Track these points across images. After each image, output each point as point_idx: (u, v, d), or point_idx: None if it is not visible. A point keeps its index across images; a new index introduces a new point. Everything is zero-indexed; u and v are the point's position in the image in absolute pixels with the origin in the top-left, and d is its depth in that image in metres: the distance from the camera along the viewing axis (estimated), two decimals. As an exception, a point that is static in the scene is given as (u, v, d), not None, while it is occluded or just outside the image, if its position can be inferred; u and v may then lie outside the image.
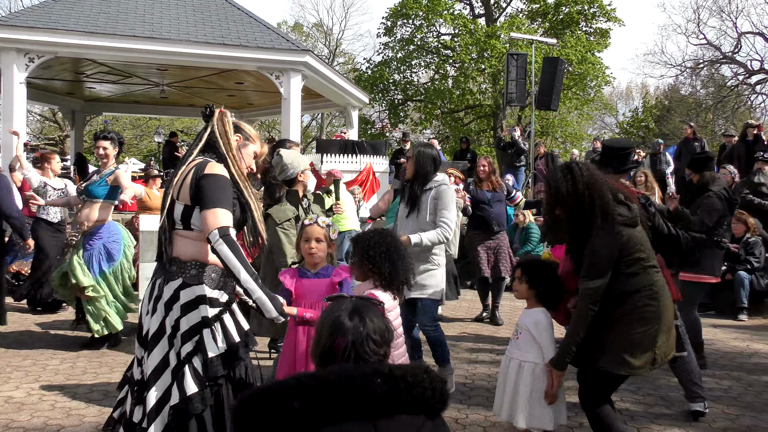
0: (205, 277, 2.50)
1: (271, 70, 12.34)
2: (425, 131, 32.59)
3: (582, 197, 2.85)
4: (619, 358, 2.82)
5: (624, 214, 2.89)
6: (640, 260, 2.87)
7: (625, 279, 2.84)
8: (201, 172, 2.49)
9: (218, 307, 2.49)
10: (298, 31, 38.15)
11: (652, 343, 2.83)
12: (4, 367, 4.85)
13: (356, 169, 12.45)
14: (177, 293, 2.46)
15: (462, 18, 27.68)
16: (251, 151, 2.80)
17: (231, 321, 2.52)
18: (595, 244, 2.83)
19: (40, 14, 11.57)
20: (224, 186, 2.49)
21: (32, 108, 26.98)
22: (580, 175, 2.87)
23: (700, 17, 31.45)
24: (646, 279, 2.87)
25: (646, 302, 2.84)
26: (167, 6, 12.91)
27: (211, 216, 2.40)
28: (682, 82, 34.36)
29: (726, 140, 12.41)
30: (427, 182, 4.40)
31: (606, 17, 27.14)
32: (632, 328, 2.83)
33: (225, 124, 2.68)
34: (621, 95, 44.01)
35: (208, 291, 2.48)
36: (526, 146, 13.67)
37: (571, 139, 29.26)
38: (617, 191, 2.95)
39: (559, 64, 14.24)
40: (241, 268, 2.35)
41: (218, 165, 2.55)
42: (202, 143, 2.65)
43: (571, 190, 2.86)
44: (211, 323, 2.44)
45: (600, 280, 2.81)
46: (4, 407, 3.99)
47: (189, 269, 2.49)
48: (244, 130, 2.79)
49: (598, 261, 2.82)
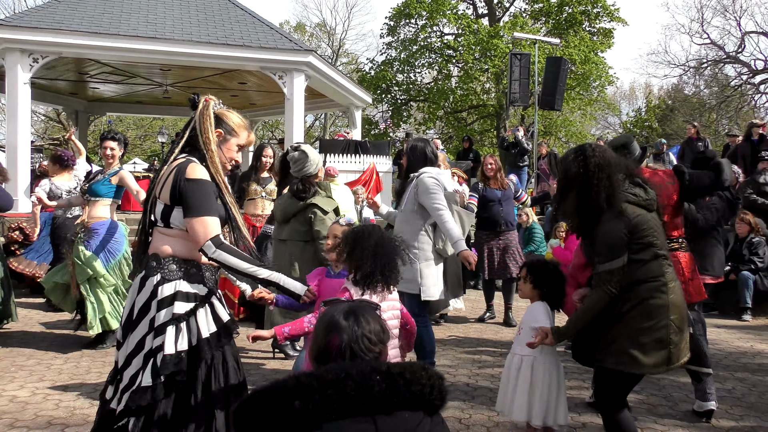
0: (183, 273, 2.53)
1: (274, 70, 12.35)
2: (428, 131, 32.59)
3: (592, 178, 2.77)
4: (626, 355, 2.72)
5: (639, 195, 2.81)
6: (651, 246, 2.76)
7: (633, 266, 2.74)
8: (183, 174, 2.50)
9: (194, 302, 2.51)
10: (301, 32, 38.16)
11: (664, 340, 2.72)
12: (8, 367, 4.86)
13: (359, 170, 12.44)
14: (156, 288, 2.50)
15: (465, 18, 27.66)
16: (234, 145, 2.72)
17: (204, 317, 2.51)
18: (605, 226, 2.75)
19: (43, 15, 11.60)
20: (208, 191, 2.52)
21: (36, 108, 27.06)
22: (591, 155, 2.82)
23: (703, 17, 31.45)
24: (655, 268, 2.76)
25: (653, 294, 2.74)
26: (170, 6, 12.93)
27: (201, 226, 2.44)
28: (685, 81, 34.34)
29: (729, 140, 12.39)
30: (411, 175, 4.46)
31: (609, 17, 27.11)
32: (638, 323, 2.74)
33: (205, 119, 2.63)
34: (624, 95, 43.97)
35: (186, 286, 2.51)
36: (529, 146, 13.65)
37: (574, 139, 29.20)
38: (635, 174, 2.88)
39: (563, 64, 14.24)
40: (247, 265, 2.46)
41: (200, 167, 2.55)
42: (184, 140, 2.67)
43: (581, 171, 2.81)
44: (180, 320, 2.46)
45: (616, 261, 2.71)
46: (8, 406, 4.00)
47: (167, 265, 2.52)
48: (225, 123, 2.70)
49: (610, 242, 2.74)
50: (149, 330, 2.48)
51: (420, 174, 4.37)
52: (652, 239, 2.77)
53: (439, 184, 4.34)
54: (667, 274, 2.79)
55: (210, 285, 2.60)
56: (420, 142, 4.56)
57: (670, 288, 2.77)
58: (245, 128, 2.77)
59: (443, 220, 4.22)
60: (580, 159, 2.84)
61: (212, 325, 2.52)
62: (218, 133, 2.67)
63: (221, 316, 2.56)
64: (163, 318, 2.46)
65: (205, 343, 2.48)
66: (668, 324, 2.74)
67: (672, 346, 2.74)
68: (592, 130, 33.49)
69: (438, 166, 4.60)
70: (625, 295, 2.76)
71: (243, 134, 2.75)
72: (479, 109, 28.73)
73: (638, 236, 2.74)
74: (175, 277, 2.51)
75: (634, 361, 2.72)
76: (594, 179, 2.77)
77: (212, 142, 2.62)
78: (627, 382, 2.84)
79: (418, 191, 4.31)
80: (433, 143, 5.18)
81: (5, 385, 4.43)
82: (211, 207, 2.49)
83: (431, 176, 4.35)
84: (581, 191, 2.83)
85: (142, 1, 12.85)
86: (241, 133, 2.74)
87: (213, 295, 2.59)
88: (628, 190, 2.82)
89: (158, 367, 2.42)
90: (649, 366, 2.73)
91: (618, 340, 2.76)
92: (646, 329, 2.72)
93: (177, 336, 2.45)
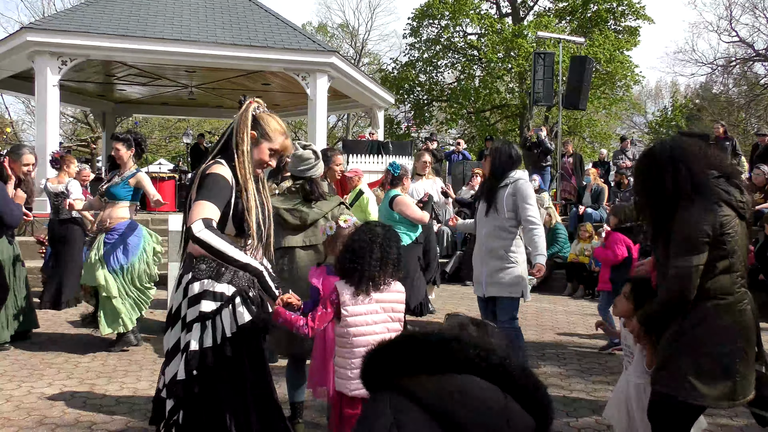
0: (213, 272, 2.57)
1: (297, 71, 12.42)
2: (451, 131, 32.49)
3: (664, 172, 2.46)
4: (685, 381, 2.36)
5: (733, 195, 2.44)
6: (729, 256, 2.39)
7: (701, 276, 2.38)
8: (204, 172, 2.55)
9: (221, 301, 2.55)
10: (323, 32, 38.28)
11: (731, 369, 2.35)
12: (37, 365, 4.95)
13: (382, 170, 12.44)
14: (187, 287, 2.57)
15: (489, 18, 27.52)
16: (266, 148, 2.69)
17: (229, 316, 2.55)
18: (684, 216, 2.40)
19: (72, 18, 11.81)
20: (218, 183, 2.51)
21: (65, 110, 27.52)
22: (661, 150, 2.53)
23: (732, 14, 30.75)
24: (726, 283, 2.41)
25: (720, 313, 2.39)
26: (195, 9, 13.07)
27: (197, 207, 2.43)
28: (714, 80, 33.74)
29: (759, 139, 12.14)
30: (504, 179, 4.41)
31: (635, 15, 26.74)
32: (702, 345, 2.39)
33: (242, 121, 2.64)
34: (650, 94, 43.33)
35: (215, 285, 2.56)
36: (552, 146, 13.54)
37: (599, 138, 28.89)
38: (732, 173, 2.53)
39: (588, 63, 14.07)
40: (228, 246, 2.40)
41: (222, 166, 2.57)
42: (222, 143, 2.70)
43: (652, 169, 2.51)
44: (207, 318, 2.52)
45: (695, 257, 2.35)
46: (37, 403, 4.08)
47: (198, 264, 2.58)
48: (261, 126, 2.68)
49: (689, 233, 2.38)
50: (182, 327, 2.56)
51: (516, 180, 4.40)
52: (734, 247, 2.41)
53: (533, 192, 4.48)
54: (737, 294, 2.44)
55: (241, 284, 2.61)
56: (504, 145, 4.59)
57: (739, 310, 2.43)
58: (282, 133, 2.72)
59: (535, 234, 4.32)
60: (648, 157, 2.59)
61: (234, 325, 2.55)
62: (252, 135, 2.65)
63: (244, 316, 2.58)
64: (190, 316, 2.53)
65: (228, 342, 2.52)
66: (735, 351, 2.39)
67: (738, 376, 2.37)
68: (617, 130, 33.06)
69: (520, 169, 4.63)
70: (690, 306, 2.43)
71: (278, 139, 2.71)
72: (502, 109, 28.56)
73: (720, 239, 2.38)
74: (204, 276, 2.56)
75: (693, 389, 2.35)
76: (669, 173, 2.45)
77: (244, 143, 2.61)
78: (684, 413, 2.45)
79: (517, 197, 4.35)
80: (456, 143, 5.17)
81: (34, 382, 4.51)
82: (214, 195, 2.47)
83: (528, 183, 4.45)
84: (653, 190, 2.53)
85: (168, 3, 13.02)
86: (276, 138, 2.70)
87: (240, 294, 2.60)
88: (721, 186, 2.46)
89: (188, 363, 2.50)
90: (710, 397, 2.36)
91: (675, 362, 2.42)
92: (710, 355, 2.38)
93: (203, 333, 2.51)
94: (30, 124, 28.56)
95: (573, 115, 25.51)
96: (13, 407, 4.01)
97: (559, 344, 5.94)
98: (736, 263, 2.43)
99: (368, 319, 2.72)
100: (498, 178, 4.44)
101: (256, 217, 2.61)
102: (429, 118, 29.19)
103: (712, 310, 2.40)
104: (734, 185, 2.48)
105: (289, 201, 3.63)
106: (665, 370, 2.45)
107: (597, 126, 28.16)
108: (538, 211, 4.48)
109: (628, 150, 14.09)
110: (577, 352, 5.67)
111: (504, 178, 4.41)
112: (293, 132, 37.27)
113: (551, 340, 6.12)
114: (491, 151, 4.56)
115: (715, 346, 2.37)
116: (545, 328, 6.66)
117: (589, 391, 4.51)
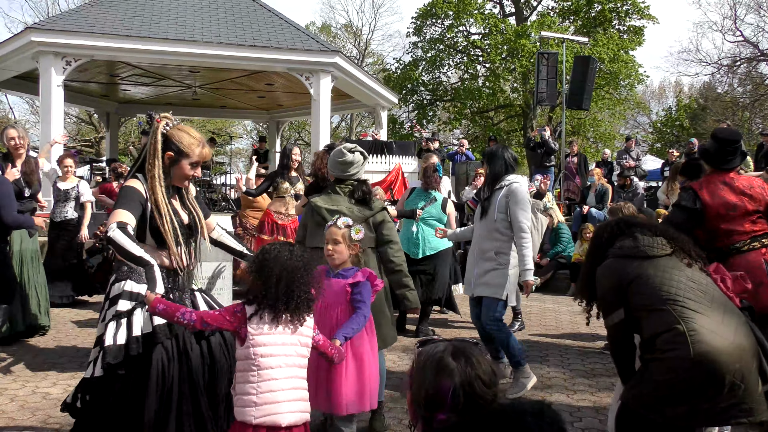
0: (133, 274, 2.74)
1: (300, 71, 12.43)
2: (454, 131, 32.46)
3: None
4: (647, 397, 2.38)
5: (625, 246, 2.61)
6: (662, 299, 2.41)
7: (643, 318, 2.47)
8: (122, 185, 2.85)
9: (136, 301, 2.72)
10: (327, 32, 38.29)
11: (687, 395, 2.29)
12: (41, 364, 4.97)
13: (385, 170, 12.44)
14: (110, 287, 2.79)
15: (492, 17, 27.48)
16: (186, 164, 2.81)
17: (140, 317, 2.72)
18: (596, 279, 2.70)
19: (76, 18, 11.83)
20: (128, 193, 2.73)
21: (69, 110, 27.59)
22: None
23: (736, 14, 30.82)
24: (668, 319, 2.36)
25: (670, 347, 2.32)
26: (199, 9, 13.09)
27: (112, 215, 2.66)
28: (718, 80, 33.63)
29: (763, 139, 12.15)
30: (498, 182, 4.43)
31: (639, 15, 26.66)
32: (658, 372, 2.37)
33: (152, 145, 2.77)
34: (653, 94, 43.21)
35: (134, 286, 2.74)
36: (556, 146, 13.52)
37: (603, 139, 28.83)
38: (632, 222, 2.75)
39: (591, 63, 14.04)
40: (131, 244, 2.53)
41: (137, 181, 2.79)
42: (138, 163, 2.88)
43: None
44: (121, 317, 2.69)
45: (608, 318, 2.60)
46: (41, 403, 4.09)
47: (121, 266, 2.78)
48: (174, 144, 2.78)
49: (601, 297, 2.66)
50: (100, 324, 2.79)
51: (511, 183, 4.39)
52: (666, 292, 2.45)
53: (527, 196, 4.46)
54: (684, 323, 2.34)
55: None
56: (499, 149, 4.57)
57: (688, 339, 2.30)
58: (198, 144, 2.82)
59: (523, 244, 4.28)
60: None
61: (149, 325, 2.71)
62: (168, 155, 2.78)
63: (152, 320, 2.71)
64: (109, 315, 2.73)
65: (134, 341, 2.68)
66: (693, 378, 2.29)
67: (699, 403, 2.31)
68: (621, 130, 32.99)
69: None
70: (647, 348, 2.46)
71: (195, 151, 2.81)
72: (506, 109, 28.52)
73: (638, 289, 2.49)
74: (124, 277, 2.76)
75: (653, 406, 2.36)
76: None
77: (154, 167, 2.75)
78: (648, 429, 2.41)
79: (510, 200, 4.33)
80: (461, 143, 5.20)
81: (39, 382, 4.53)
82: (126, 203, 2.69)
83: (523, 187, 4.43)
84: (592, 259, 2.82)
85: (171, 4, 13.04)
86: (193, 151, 2.80)
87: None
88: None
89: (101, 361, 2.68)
90: (668, 416, 2.33)
91: (642, 377, 2.45)
92: (667, 380, 2.33)
93: (117, 330, 2.67)
94: (34, 124, 28.61)
95: (577, 114, 25.46)
96: (18, 407, 4.02)
97: (562, 344, 5.94)
98: (676, 298, 2.42)
99: (277, 340, 2.40)
100: (492, 181, 4.45)
101: (171, 224, 2.76)
102: (431, 118, 29.15)
103: (664, 345, 2.39)
104: (627, 235, 2.66)
105: (332, 202, 3.61)
106: (635, 384, 2.48)
107: (601, 126, 28.09)
108: (531, 217, 4.42)
109: (632, 150, 14.08)
110: (580, 352, 5.67)
111: (498, 181, 4.42)
112: (296, 132, 37.30)
113: (554, 340, 6.12)
114: (486, 155, 4.58)
115: (668, 374, 2.35)
116: (549, 328, 6.67)
117: (592, 392, 4.51)
